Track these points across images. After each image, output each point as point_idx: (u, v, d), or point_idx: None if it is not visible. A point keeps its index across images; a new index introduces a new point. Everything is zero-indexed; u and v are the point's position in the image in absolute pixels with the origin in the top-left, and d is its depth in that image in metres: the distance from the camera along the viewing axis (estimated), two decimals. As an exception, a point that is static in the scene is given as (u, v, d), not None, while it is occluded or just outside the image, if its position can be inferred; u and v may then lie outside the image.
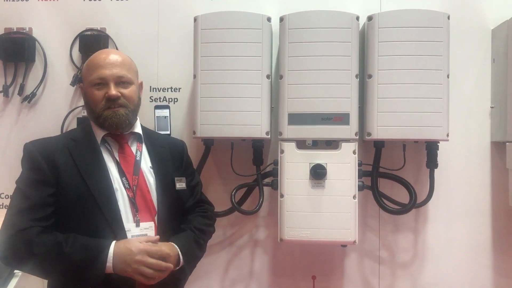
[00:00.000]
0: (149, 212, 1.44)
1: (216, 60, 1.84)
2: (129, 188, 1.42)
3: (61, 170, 1.37)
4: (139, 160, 1.49)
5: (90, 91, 1.44)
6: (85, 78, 1.47)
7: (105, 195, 1.38)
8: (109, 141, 1.48)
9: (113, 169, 1.43)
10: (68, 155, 1.40)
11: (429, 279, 2.04)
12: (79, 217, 1.36)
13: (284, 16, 1.84)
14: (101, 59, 1.45)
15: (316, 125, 1.81)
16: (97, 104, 1.44)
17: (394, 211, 1.91)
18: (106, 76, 1.43)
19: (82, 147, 1.44)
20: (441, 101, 1.80)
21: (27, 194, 1.34)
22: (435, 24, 1.80)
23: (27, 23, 2.12)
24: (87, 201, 1.36)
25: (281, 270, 2.09)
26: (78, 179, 1.37)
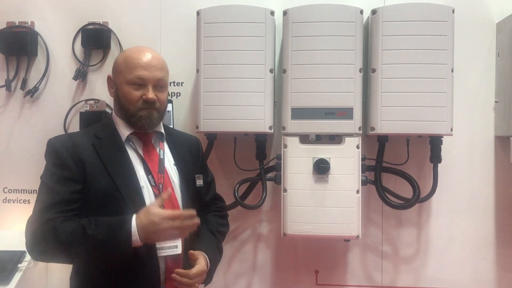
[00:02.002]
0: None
1: (219, 54, 1.84)
2: (155, 186, 1.42)
3: (88, 167, 1.37)
4: (163, 159, 1.49)
5: (126, 89, 1.42)
6: (121, 73, 1.43)
7: (133, 192, 1.37)
8: (133, 140, 1.47)
9: (139, 167, 1.43)
10: (93, 152, 1.39)
11: (432, 273, 2.04)
12: (106, 214, 1.33)
13: (288, 10, 1.83)
14: (143, 58, 1.42)
15: (320, 120, 1.81)
16: (132, 104, 1.42)
17: (398, 205, 1.90)
18: (147, 78, 1.41)
19: (107, 145, 1.42)
20: (445, 96, 1.79)
21: (54, 189, 1.34)
22: (439, 17, 1.79)
23: (30, 17, 2.11)
24: (114, 199, 1.36)
25: (284, 265, 2.09)
26: (105, 177, 1.37)
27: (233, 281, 2.10)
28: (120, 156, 1.42)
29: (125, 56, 1.45)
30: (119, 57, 1.47)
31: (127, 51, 1.48)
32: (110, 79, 1.49)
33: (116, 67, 1.46)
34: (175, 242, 1.40)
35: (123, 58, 1.45)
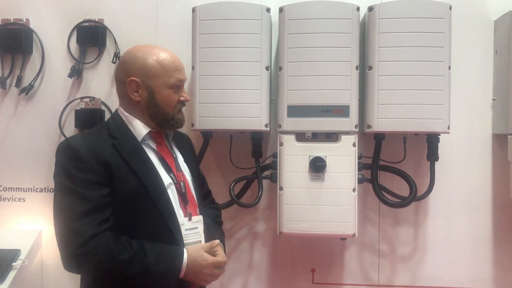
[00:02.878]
0: (193, 205, 1.48)
1: (214, 52, 1.82)
2: (176, 183, 1.43)
3: (114, 168, 1.33)
4: (176, 157, 1.51)
5: (166, 93, 1.42)
6: (159, 76, 1.40)
7: (160, 192, 1.37)
8: (147, 139, 1.45)
9: (158, 165, 1.42)
10: (115, 153, 1.35)
11: (429, 272, 2.03)
12: (135, 215, 1.35)
13: (284, 7, 1.82)
14: (176, 61, 1.45)
15: (316, 118, 1.79)
16: (172, 107, 1.44)
17: (394, 204, 1.89)
18: (183, 80, 1.46)
19: (126, 145, 1.39)
20: (442, 93, 1.78)
21: (84, 195, 1.28)
22: (436, 14, 1.77)
23: (24, 14, 2.09)
24: (143, 199, 1.34)
25: (280, 263, 2.08)
26: (131, 177, 1.34)
27: (229, 280, 2.09)
28: (141, 155, 1.40)
29: (159, 59, 1.41)
30: (150, 60, 1.40)
31: (152, 53, 1.42)
32: (135, 82, 1.40)
33: (148, 70, 1.39)
34: (199, 238, 1.45)
35: (156, 62, 1.40)
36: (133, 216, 1.35)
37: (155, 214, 1.36)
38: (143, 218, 1.35)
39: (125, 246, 1.28)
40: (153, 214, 1.35)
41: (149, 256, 1.29)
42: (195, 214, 1.47)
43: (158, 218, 1.36)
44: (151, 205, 1.35)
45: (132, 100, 1.41)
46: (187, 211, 1.44)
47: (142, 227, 1.35)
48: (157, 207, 1.35)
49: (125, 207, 1.34)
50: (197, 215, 1.47)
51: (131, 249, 1.28)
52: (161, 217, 1.36)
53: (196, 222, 1.45)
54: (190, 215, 1.44)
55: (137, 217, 1.35)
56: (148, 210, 1.35)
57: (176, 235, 1.38)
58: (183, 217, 1.42)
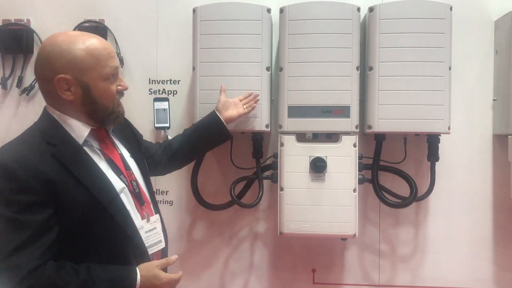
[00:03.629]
0: (148, 205, 1.38)
1: (215, 52, 1.83)
2: (128, 184, 1.31)
3: (57, 182, 1.15)
4: (121, 154, 1.36)
5: (103, 86, 1.23)
6: (91, 69, 1.21)
7: (110, 198, 1.24)
8: (89, 139, 1.27)
9: (106, 167, 1.27)
10: (55, 162, 1.17)
11: (429, 272, 2.03)
12: (89, 229, 1.21)
13: (284, 7, 1.82)
14: (107, 46, 1.25)
15: (316, 118, 1.80)
16: (112, 100, 1.26)
17: (395, 204, 1.90)
18: (118, 66, 1.27)
19: (66, 150, 1.20)
20: (443, 94, 1.78)
21: (23, 222, 1.11)
22: (437, 15, 1.77)
23: (25, 15, 2.10)
24: (93, 208, 1.20)
25: (281, 263, 2.08)
26: (77, 187, 1.18)
27: (230, 280, 2.09)
28: (85, 161, 1.23)
29: (89, 49, 1.20)
30: (78, 51, 1.19)
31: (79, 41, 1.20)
32: (65, 80, 1.19)
33: (79, 64, 1.19)
34: (159, 238, 1.38)
35: (85, 52, 1.20)
36: (87, 230, 1.21)
37: (110, 223, 1.23)
38: (98, 230, 1.22)
39: (71, 276, 1.15)
40: (108, 224, 1.23)
41: (98, 284, 1.17)
42: (152, 214, 1.37)
43: (114, 227, 1.24)
44: (104, 215, 1.22)
45: (64, 99, 1.21)
46: (144, 213, 1.33)
47: (98, 240, 1.23)
48: (111, 215, 1.22)
49: (77, 222, 1.19)
50: (153, 214, 1.38)
51: (77, 279, 1.15)
52: (117, 226, 1.24)
53: (154, 222, 1.37)
54: (148, 216, 1.34)
55: (92, 230, 1.22)
56: (101, 220, 1.22)
57: (136, 240, 1.28)
58: (140, 219, 1.31)
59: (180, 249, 2.10)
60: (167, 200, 2.09)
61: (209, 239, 2.10)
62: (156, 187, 2.09)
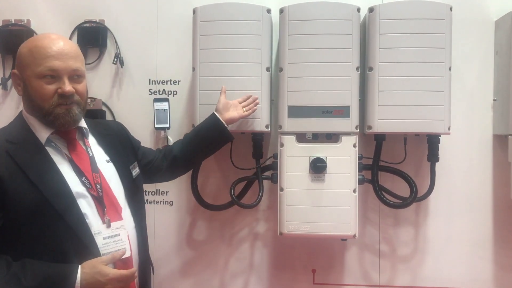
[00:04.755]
0: (115, 209, 1.33)
1: (215, 53, 1.83)
2: (91, 187, 1.28)
3: (5, 180, 1.16)
4: (93, 157, 1.35)
5: (36, 84, 1.24)
6: (28, 66, 1.24)
7: (64, 199, 1.22)
8: (54, 140, 1.29)
9: (68, 169, 1.26)
10: (9, 160, 1.18)
11: (429, 273, 2.03)
12: (37, 230, 1.19)
13: (284, 8, 1.82)
14: (53, 47, 1.24)
15: (316, 118, 1.80)
16: (46, 100, 1.24)
17: (395, 205, 1.90)
18: (60, 69, 1.24)
19: (24, 149, 1.22)
20: (443, 94, 1.78)
21: None
22: (437, 15, 1.77)
23: (25, 15, 2.10)
24: (44, 210, 1.19)
25: (281, 264, 2.08)
26: (28, 187, 1.18)
27: (230, 281, 2.09)
28: (43, 161, 1.23)
29: (31, 46, 1.24)
30: (23, 48, 1.26)
31: (32, 40, 1.28)
32: (16, 75, 1.28)
33: (21, 60, 1.25)
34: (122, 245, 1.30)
35: (28, 49, 1.24)
36: (35, 232, 1.19)
37: (62, 227, 1.20)
38: (48, 233, 1.20)
39: (1, 269, 1.13)
40: (59, 228, 1.20)
41: (29, 279, 1.13)
42: (117, 219, 1.31)
43: (66, 231, 1.21)
44: (56, 218, 1.20)
45: (19, 95, 1.30)
46: (105, 218, 1.28)
47: (47, 243, 1.20)
48: (63, 218, 1.20)
49: (25, 223, 1.18)
50: (120, 220, 1.32)
51: (7, 272, 1.13)
52: (70, 230, 1.21)
53: (117, 228, 1.30)
54: (109, 221, 1.29)
55: (41, 232, 1.19)
56: (53, 223, 1.20)
57: (91, 247, 1.24)
58: (100, 224, 1.27)
59: (180, 249, 2.10)
60: (167, 201, 2.09)
61: (209, 240, 2.10)
62: (156, 188, 2.09)
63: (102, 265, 1.22)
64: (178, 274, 2.10)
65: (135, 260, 1.37)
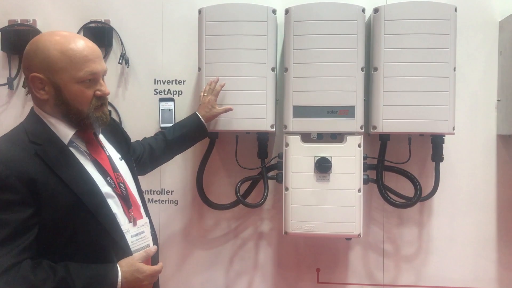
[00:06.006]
0: (136, 207, 1.36)
1: (220, 53, 1.84)
2: (115, 187, 1.29)
3: (39, 182, 1.14)
4: (110, 155, 1.35)
5: (76, 89, 1.21)
6: (64, 70, 1.19)
7: (97, 200, 1.23)
8: (75, 140, 1.27)
9: (93, 169, 1.26)
10: (40, 162, 1.16)
11: (433, 272, 2.04)
12: (71, 230, 1.19)
13: (289, 8, 1.82)
14: (88, 50, 1.22)
15: (321, 118, 1.80)
16: (86, 104, 1.23)
17: (399, 204, 1.90)
18: (98, 72, 1.24)
19: (51, 151, 1.20)
20: (447, 94, 1.78)
21: (3, 220, 1.11)
22: (442, 16, 1.78)
23: (31, 15, 2.11)
24: (78, 211, 1.19)
25: (285, 263, 2.09)
26: (61, 188, 1.17)
27: (234, 279, 2.10)
28: (71, 162, 1.22)
29: (63, 49, 1.19)
30: (52, 50, 1.19)
31: (58, 42, 1.20)
32: (39, 79, 1.20)
33: (51, 63, 1.19)
34: (147, 242, 1.35)
35: (60, 52, 1.19)
36: (70, 232, 1.19)
37: (95, 226, 1.21)
38: (82, 232, 1.21)
39: (48, 274, 1.13)
40: (93, 227, 1.21)
41: (77, 281, 1.15)
42: (140, 217, 1.35)
43: (99, 230, 1.22)
44: (89, 218, 1.20)
45: (39, 98, 1.22)
46: (131, 216, 1.31)
47: (81, 242, 1.21)
48: (96, 218, 1.21)
49: (60, 223, 1.18)
50: (142, 218, 1.36)
51: (55, 277, 1.13)
52: (102, 229, 1.22)
53: (141, 226, 1.34)
54: (135, 220, 1.32)
55: (75, 231, 1.20)
56: (86, 223, 1.20)
57: (122, 244, 1.26)
58: (127, 223, 1.30)
59: (185, 248, 2.11)
60: (172, 200, 2.10)
61: (214, 239, 2.11)
62: (161, 187, 2.10)
63: (138, 262, 1.26)
64: (183, 273, 2.11)
65: None
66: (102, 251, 1.24)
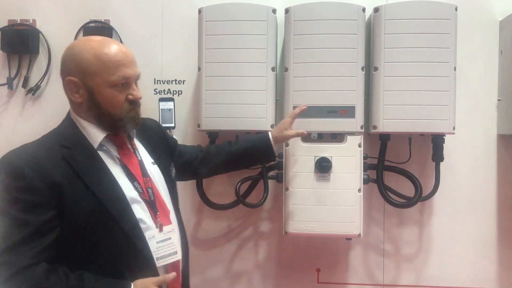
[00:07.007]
0: (165, 213, 1.34)
1: (220, 53, 1.83)
2: (143, 192, 1.28)
3: (64, 186, 1.16)
4: (141, 160, 1.35)
5: (108, 92, 1.23)
6: (97, 74, 1.22)
7: (121, 207, 1.22)
8: (105, 143, 1.28)
9: (120, 174, 1.27)
10: (66, 166, 1.18)
11: (433, 272, 2.04)
12: (93, 235, 1.20)
13: (289, 8, 1.82)
14: (121, 54, 1.24)
15: (321, 118, 1.80)
16: (118, 108, 1.25)
17: (399, 204, 1.90)
18: (131, 76, 1.26)
19: (78, 154, 1.22)
20: (448, 94, 1.78)
21: (22, 220, 1.12)
22: (442, 15, 1.78)
23: (31, 15, 2.10)
24: (100, 216, 1.19)
25: (285, 263, 2.09)
26: (85, 193, 1.19)
27: (234, 279, 2.10)
28: (98, 166, 1.24)
29: (97, 53, 1.22)
30: (86, 55, 1.22)
31: (93, 47, 1.23)
32: (74, 82, 1.23)
33: (85, 67, 1.22)
34: (174, 249, 1.32)
35: (93, 56, 1.22)
36: (92, 237, 1.20)
37: (117, 232, 1.21)
38: (104, 237, 1.21)
39: (60, 281, 1.13)
40: (115, 233, 1.21)
41: None
42: (167, 223, 1.32)
43: (122, 236, 1.21)
44: (112, 224, 1.20)
45: (74, 102, 1.26)
46: (157, 222, 1.29)
47: (103, 247, 1.21)
48: (119, 224, 1.20)
49: (82, 227, 1.19)
50: (170, 224, 1.33)
51: (66, 284, 1.13)
52: (125, 235, 1.22)
53: (168, 232, 1.31)
54: (161, 225, 1.29)
55: (97, 237, 1.20)
56: (108, 229, 1.20)
57: (145, 252, 1.24)
58: (154, 229, 1.28)
59: (185, 248, 2.11)
60: (172, 200, 2.10)
61: (214, 239, 2.11)
62: (161, 187, 2.09)
63: (153, 286, 1.21)
64: (183, 273, 2.11)
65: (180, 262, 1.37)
66: (123, 256, 1.23)
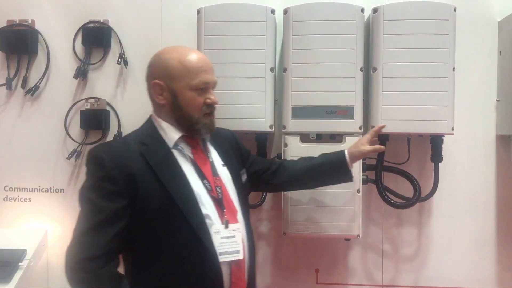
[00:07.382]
0: (232, 212, 1.40)
1: (219, 53, 1.83)
2: (211, 190, 1.37)
3: (138, 179, 1.28)
4: (212, 161, 1.44)
5: (190, 95, 1.36)
6: (181, 78, 1.35)
7: (189, 201, 1.31)
8: (180, 144, 1.39)
9: (191, 172, 1.36)
10: (142, 160, 1.31)
11: (432, 273, 2.04)
12: (160, 228, 1.30)
13: (288, 8, 1.82)
14: (202, 61, 1.39)
15: (320, 119, 1.80)
16: (197, 110, 1.37)
17: (398, 205, 1.90)
18: (210, 82, 1.39)
19: (154, 151, 1.34)
20: (447, 95, 1.78)
21: (98, 206, 1.25)
22: (441, 16, 1.78)
23: (30, 15, 2.11)
24: (169, 210, 1.29)
25: (284, 263, 2.09)
26: (157, 187, 1.29)
27: (233, 280, 2.10)
28: (171, 163, 1.35)
29: (182, 59, 1.36)
30: (171, 60, 1.36)
31: (178, 53, 1.38)
32: (159, 85, 1.37)
33: (170, 72, 1.36)
34: (237, 248, 1.36)
35: (178, 62, 1.36)
36: (160, 228, 1.30)
37: (184, 225, 1.29)
38: (172, 229, 1.30)
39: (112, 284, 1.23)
40: (182, 225, 1.29)
41: None
42: (234, 222, 1.38)
43: (188, 229, 1.29)
44: (179, 218, 1.29)
45: (158, 103, 1.39)
46: (224, 218, 1.36)
47: (170, 239, 1.30)
48: (186, 219, 1.29)
49: (151, 219, 1.29)
50: (236, 222, 1.39)
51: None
52: (191, 230, 1.29)
53: (233, 230, 1.36)
54: (227, 222, 1.36)
55: (166, 228, 1.30)
56: (176, 221, 1.29)
57: (208, 246, 1.31)
58: (219, 224, 1.35)
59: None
60: (171, 200, 2.10)
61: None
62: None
63: None
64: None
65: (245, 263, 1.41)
66: (188, 250, 1.31)
